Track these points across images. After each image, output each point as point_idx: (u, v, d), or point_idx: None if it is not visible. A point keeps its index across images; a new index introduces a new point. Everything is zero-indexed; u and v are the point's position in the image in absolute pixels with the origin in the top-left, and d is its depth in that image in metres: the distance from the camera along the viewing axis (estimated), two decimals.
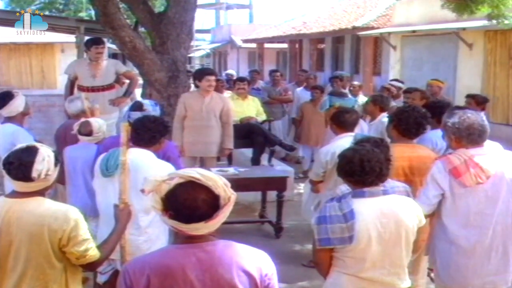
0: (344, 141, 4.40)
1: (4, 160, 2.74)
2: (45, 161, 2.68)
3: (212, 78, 6.51)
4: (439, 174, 3.33)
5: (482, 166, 3.26)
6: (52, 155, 2.74)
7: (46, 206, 2.71)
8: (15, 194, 2.74)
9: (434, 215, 3.44)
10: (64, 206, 2.78)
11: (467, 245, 3.36)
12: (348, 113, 4.71)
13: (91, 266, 2.86)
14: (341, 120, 4.64)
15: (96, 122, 4.64)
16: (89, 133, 4.56)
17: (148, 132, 3.72)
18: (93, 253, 2.76)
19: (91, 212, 3.95)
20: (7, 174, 2.71)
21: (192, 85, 7.56)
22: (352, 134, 4.54)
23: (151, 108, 4.58)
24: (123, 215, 3.10)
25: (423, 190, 3.41)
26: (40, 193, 2.75)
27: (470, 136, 3.32)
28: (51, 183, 2.78)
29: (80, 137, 4.59)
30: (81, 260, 2.74)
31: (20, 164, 2.66)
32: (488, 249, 3.35)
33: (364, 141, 3.29)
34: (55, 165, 2.75)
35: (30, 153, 2.69)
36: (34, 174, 2.65)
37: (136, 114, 4.31)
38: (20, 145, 2.82)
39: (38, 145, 2.78)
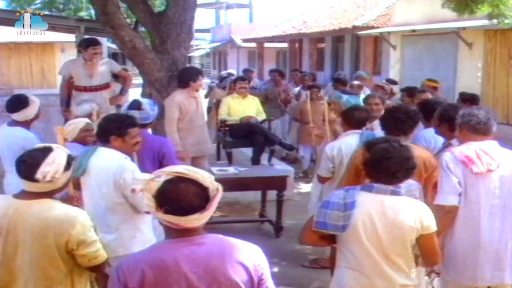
0: (350, 138, 4.46)
1: (17, 158, 2.74)
2: (54, 164, 2.65)
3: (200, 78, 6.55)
4: (452, 164, 3.36)
5: (491, 154, 3.34)
6: (64, 158, 2.70)
7: (51, 209, 2.67)
8: (23, 195, 2.72)
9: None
10: (68, 209, 2.74)
11: (476, 239, 3.38)
12: (357, 111, 4.75)
13: (100, 268, 2.83)
14: (350, 117, 4.67)
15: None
16: None
17: (101, 130, 3.80)
18: (103, 253, 2.77)
19: None
20: (17, 172, 2.71)
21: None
22: (359, 131, 4.57)
23: (149, 108, 4.56)
24: None
25: (443, 183, 3.38)
26: (49, 195, 2.71)
27: (477, 126, 3.40)
28: (58, 186, 2.73)
29: None
30: (93, 262, 2.73)
31: (29, 163, 2.65)
32: (497, 242, 3.38)
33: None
34: (66, 169, 2.71)
35: (42, 154, 2.67)
36: (39, 175, 2.62)
37: (134, 113, 4.31)
38: (39, 144, 2.82)
39: (54, 146, 2.76)
